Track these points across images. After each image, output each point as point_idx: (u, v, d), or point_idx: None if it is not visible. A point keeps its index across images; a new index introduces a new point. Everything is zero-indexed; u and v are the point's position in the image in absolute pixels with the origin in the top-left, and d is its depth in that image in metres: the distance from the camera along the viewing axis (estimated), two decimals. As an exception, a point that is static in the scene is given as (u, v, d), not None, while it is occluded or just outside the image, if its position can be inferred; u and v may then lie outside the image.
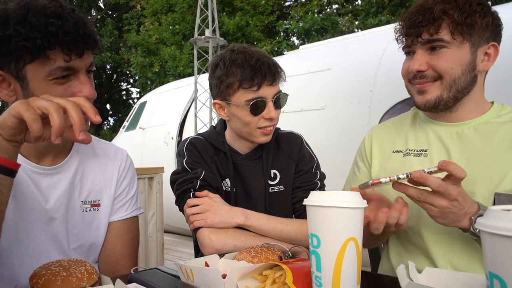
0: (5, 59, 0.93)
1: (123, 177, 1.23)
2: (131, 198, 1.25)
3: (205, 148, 1.39)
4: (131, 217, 1.24)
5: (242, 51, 1.28)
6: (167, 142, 6.74)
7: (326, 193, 0.70)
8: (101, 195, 1.18)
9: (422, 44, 1.08)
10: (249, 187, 1.39)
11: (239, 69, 1.25)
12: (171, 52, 12.42)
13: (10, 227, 1.00)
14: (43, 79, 0.94)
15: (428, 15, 1.05)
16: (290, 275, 0.72)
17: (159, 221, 3.54)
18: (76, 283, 0.77)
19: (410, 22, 1.08)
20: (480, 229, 0.52)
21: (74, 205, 1.12)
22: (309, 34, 11.65)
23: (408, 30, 1.09)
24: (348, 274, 0.66)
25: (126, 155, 1.27)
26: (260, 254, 0.91)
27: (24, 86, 0.96)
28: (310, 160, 1.45)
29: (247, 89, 1.25)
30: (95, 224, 1.16)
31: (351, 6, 11.86)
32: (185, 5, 12.82)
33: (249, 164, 1.40)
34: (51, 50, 0.91)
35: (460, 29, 1.04)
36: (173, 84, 8.31)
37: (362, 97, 4.35)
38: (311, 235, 0.68)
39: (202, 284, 0.79)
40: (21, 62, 0.93)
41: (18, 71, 0.94)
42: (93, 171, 1.17)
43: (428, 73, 1.08)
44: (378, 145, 1.29)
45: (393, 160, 1.23)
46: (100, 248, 1.19)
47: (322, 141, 4.36)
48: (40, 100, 0.79)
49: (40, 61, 0.92)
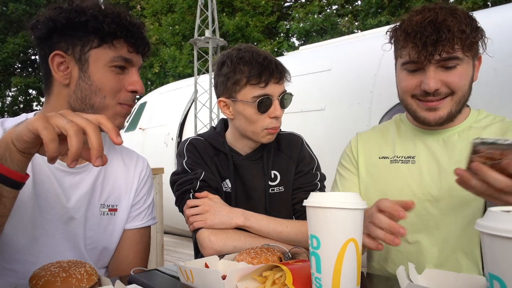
0: (72, 41, 1.02)
1: (143, 185, 1.24)
2: (148, 207, 1.25)
3: (205, 148, 1.38)
4: (145, 226, 1.24)
5: (249, 49, 1.30)
6: (167, 143, 6.74)
7: (326, 194, 0.70)
8: (119, 200, 1.18)
9: (436, 61, 1.04)
10: (249, 188, 1.39)
11: (247, 66, 1.26)
12: (171, 52, 12.43)
13: (28, 224, 1.01)
14: (104, 64, 1.03)
15: (446, 33, 1.00)
16: (290, 276, 0.72)
17: (159, 222, 3.54)
18: (76, 284, 0.77)
19: (424, 38, 1.02)
20: (480, 230, 0.52)
21: (94, 207, 1.12)
22: (309, 35, 11.66)
23: (421, 48, 1.03)
24: (348, 275, 0.66)
25: (147, 164, 1.28)
26: (260, 255, 0.91)
27: (83, 69, 1.03)
28: (311, 161, 1.45)
29: (255, 85, 1.26)
30: (110, 228, 1.16)
31: (351, 7, 11.88)
32: (185, 6, 12.83)
33: (250, 165, 1.39)
34: (118, 39, 1.02)
35: (469, 45, 1.03)
36: (173, 85, 8.31)
37: (362, 98, 4.35)
38: (311, 236, 0.68)
39: (202, 286, 0.79)
40: (88, 46, 1.02)
41: (82, 54, 1.02)
42: (114, 175, 1.17)
43: (441, 91, 1.06)
44: (363, 151, 1.28)
45: (380, 166, 1.23)
46: (111, 253, 1.18)
47: (322, 141, 4.35)
48: (60, 119, 0.75)
49: (107, 47, 1.02)
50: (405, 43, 1.07)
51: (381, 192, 1.20)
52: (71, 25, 1.00)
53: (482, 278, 0.69)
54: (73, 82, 1.03)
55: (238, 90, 1.28)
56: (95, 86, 1.02)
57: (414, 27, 1.04)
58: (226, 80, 1.29)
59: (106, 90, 1.03)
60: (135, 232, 1.20)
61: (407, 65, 1.09)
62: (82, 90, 1.03)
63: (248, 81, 1.26)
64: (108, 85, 1.03)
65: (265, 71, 1.25)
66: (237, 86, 1.28)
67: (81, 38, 1.01)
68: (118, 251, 1.18)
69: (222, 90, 1.33)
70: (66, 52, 1.02)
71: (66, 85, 1.03)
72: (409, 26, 1.05)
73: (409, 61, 1.08)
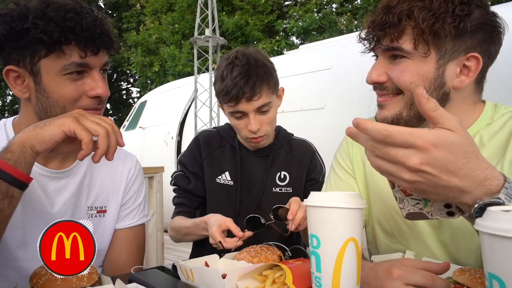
0: (21, 52, 0.94)
1: (132, 184, 1.21)
2: (139, 205, 1.23)
3: (208, 141, 1.45)
4: (138, 224, 1.21)
5: (233, 61, 1.29)
6: (167, 142, 6.74)
7: (326, 194, 0.70)
8: (108, 201, 1.15)
9: (383, 50, 0.91)
10: (250, 182, 1.42)
11: (221, 82, 1.29)
12: (171, 51, 12.41)
13: (18, 230, 1.00)
14: (56, 74, 0.94)
15: (391, 16, 0.86)
16: (290, 275, 0.72)
17: (159, 220, 3.54)
18: (76, 283, 0.77)
19: (372, 22, 0.90)
20: (479, 230, 0.52)
21: (80, 210, 1.10)
22: (308, 33, 11.64)
23: (368, 32, 0.91)
24: (348, 275, 0.66)
25: (136, 161, 1.25)
26: (260, 254, 0.92)
27: (37, 81, 0.96)
28: (321, 170, 1.51)
29: (227, 104, 1.30)
30: (100, 230, 1.14)
31: (351, 5, 11.86)
32: (184, 4, 12.80)
33: (256, 160, 1.44)
34: (67, 45, 0.93)
35: (425, 37, 0.84)
36: (173, 84, 8.31)
37: (362, 97, 4.34)
38: (311, 236, 0.68)
39: (202, 284, 0.80)
40: (37, 56, 0.93)
41: (33, 66, 0.94)
42: (101, 175, 1.14)
43: (388, 85, 0.92)
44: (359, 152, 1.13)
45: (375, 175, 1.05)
46: (104, 254, 1.17)
47: (322, 140, 4.32)
48: (90, 122, 0.84)
49: (55, 56, 0.93)
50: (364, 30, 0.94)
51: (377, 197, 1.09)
52: (13, 34, 0.91)
53: None
54: (32, 94, 0.97)
55: (220, 101, 1.35)
56: (52, 97, 0.96)
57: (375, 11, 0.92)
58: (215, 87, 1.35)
59: (63, 100, 0.96)
60: (127, 231, 1.18)
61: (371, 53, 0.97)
62: (42, 102, 0.97)
63: (221, 99, 1.31)
64: (64, 95, 0.96)
65: (233, 90, 1.25)
66: (218, 98, 1.34)
67: (28, 48, 0.93)
68: (110, 251, 1.16)
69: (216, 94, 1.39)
70: (18, 65, 0.95)
71: (27, 98, 0.98)
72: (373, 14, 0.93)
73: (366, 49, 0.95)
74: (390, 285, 0.67)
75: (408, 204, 0.73)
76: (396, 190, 0.73)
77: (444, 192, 0.62)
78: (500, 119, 0.94)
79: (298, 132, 1.55)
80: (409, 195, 0.73)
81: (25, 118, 1.02)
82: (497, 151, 0.91)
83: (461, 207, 0.68)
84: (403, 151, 0.59)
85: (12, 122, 1.07)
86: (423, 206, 0.72)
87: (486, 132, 0.93)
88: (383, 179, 1.01)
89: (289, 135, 1.52)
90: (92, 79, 0.98)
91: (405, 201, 0.73)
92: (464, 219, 0.85)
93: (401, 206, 0.74)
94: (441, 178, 0.59)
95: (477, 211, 0.62)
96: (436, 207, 0.72)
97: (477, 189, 0.61)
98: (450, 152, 0.58)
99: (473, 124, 0.95)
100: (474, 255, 0.94)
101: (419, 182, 0.61)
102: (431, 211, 0.72)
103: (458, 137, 0.59)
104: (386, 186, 1.01)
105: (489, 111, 0.96)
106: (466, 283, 0.72)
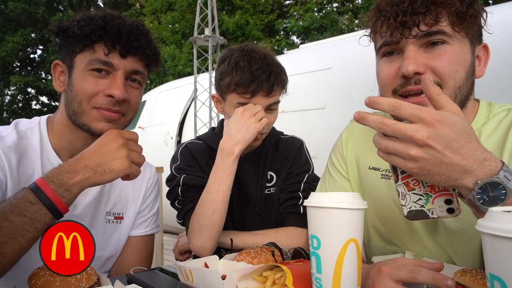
0: (68, 49, 1.03)
1: (149, 193, 1.23)
2: (153, 215, 1.25)
3: (201, 151, 1.39)
4: (149, 234, 1.24)
5: (249, 53, 1.28)
6: (166, 142, 6.73)
7: (326, 194, 0.69)
8: (126, 208, 1.17)
9: (416, 38, 0.82)
10: (245, 190, 1.39)
11: (239, 72, 1.25)
12: (170, 51, 12.41)
13: None
14: (83, 68, 1.01)
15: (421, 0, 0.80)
16: (290, 276, 0.72)
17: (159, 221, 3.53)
18: (75, 283, 0.76)
19: (398, 9, 0.82)
20: (480, 230, 0.51)
21: (99, 215, 1.12)
22: (309, 32, 11.64)
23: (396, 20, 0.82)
24: (348, 276, 0.65)
25: (155, 172, 1.28)
26: (260, 255, 0.91)
27: (70, 75, 1.03)
28: (305, 164, 1.41)
29: (241, 95, 1.27)
30: (116, 237, 1.15)
31: (352, 4, 11.86)
32: (184, 4, 12.81)
33: (247, 166, 1.39)
34: (97, 42, 0.99)
35: (461, 19, 0.80)
36: (172, 84, 8.30)
37: (362, 97, 4.24)
38: (311, 236, 0.68)
39: (201, 285, 0.79)
40: (74, 52, 1.02)
41: (71, 61, 1.03)
42: (122, 183, 1.15)
43: None
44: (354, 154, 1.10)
45: (370, 178, 1.05)
46: (115, 260, 1.18)
47: (322, 140, 4.34)
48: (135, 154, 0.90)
49: (87, 52, 1.01)
50: (377, 23, 0.88)
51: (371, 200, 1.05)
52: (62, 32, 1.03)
53: None
54: (66, 88, 1.05)
55: (227, 92, 1.30)
56: (74, 91, 1.02)
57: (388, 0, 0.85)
58: (220, 79, 1.31)
59: (81, 94, 1.01)
60: (139, 239, 1.20)
61: (383, 49, 0.89)
62: (68, 96, 1.03)
63: (235, 89, 1.27)
64: (83, 89, 1.01)
65: (254, 83, 1.24)
66: (227, 88, 1.29)
67: (70, 45, 1.03)
68: (121, 257, 1.18)
69: (216, 86, 1.35)
70: (63, 61, 1.05)
71: (64, 91, 1.06)
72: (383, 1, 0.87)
73: (384, 43, 0.88)
74: (379, 283, 0.69)
75: (410, 200, 0.74)
76: (399, 184, 0.74)
77: (447, 171, 0.64)
78: (495, 117, 0.92)
79: (298, 132, 1.54)
80: (412, 189, 0.73)
81: (59, 114, 1.08)
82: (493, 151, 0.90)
83: (461, 192, 0.68)
84: (412, 125, 0.62)
85: (47, 119, 1.11)
86: (424, 203, 0.73)
87: (483, 130, 0.92)
88: (377, 181, 1.03)
89: (277, 134, 1.47)
90: (113, 80, 1.01)
91: (408, 196, 0.74)
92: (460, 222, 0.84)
93: (403, 202, 0.74)
94: (445, 155, 0.62)
95: (478, 192, 0.64)
96: (437, 203, 0.72)
97: (478, 169, 0.63)
98: (453, 130, 0.62)
99: (472, 122, 0.93)
100: (472, 259, 0.93)
101: (425, 160, 0.63)
102: (432, 208, 0.73)
103: (460, 118, 0.63)
104: (380, 188, 1.02)
105: (484, 110, 0.94)
106: (467, 284, 0.72)
